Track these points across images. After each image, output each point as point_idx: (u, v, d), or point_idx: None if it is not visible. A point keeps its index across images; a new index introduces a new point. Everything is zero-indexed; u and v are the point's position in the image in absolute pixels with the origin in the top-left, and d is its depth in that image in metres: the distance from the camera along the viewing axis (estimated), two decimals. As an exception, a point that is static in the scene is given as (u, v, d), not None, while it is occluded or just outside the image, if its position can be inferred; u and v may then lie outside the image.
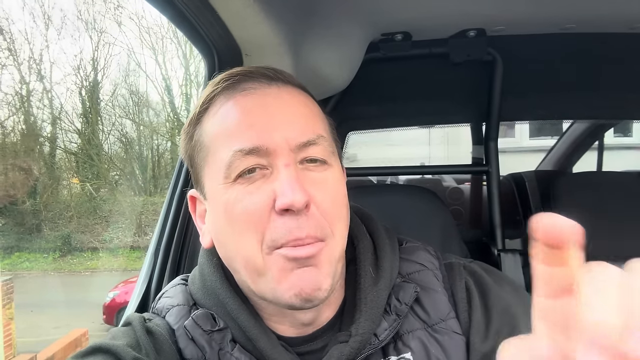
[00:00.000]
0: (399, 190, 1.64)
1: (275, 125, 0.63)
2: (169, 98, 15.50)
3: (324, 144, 0.65)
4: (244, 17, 0.92)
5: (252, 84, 0.66)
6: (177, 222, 1.17)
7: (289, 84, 0.69)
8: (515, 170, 2.22)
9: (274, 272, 0.62)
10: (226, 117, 0.65)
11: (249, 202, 0.61)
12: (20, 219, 13.39)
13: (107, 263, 12.78)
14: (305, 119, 0.66)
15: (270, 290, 0.63)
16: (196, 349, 0.67)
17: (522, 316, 0.69)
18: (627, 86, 1.67)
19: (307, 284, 0.61)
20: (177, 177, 1.21)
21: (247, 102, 0.65)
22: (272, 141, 0.62)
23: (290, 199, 0.59)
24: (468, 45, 1.41)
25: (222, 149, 0.64)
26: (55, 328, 8.42)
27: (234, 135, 0.63)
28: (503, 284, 0.75)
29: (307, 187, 0.61)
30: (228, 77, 0.67)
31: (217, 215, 0.66)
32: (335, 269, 0.65)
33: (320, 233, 0.62)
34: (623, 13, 1.26)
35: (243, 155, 0.62)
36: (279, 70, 0.69)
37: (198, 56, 13.76)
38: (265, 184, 0.62)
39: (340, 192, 0.67)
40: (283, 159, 0.62)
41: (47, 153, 14.54)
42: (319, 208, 0.62)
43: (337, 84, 1.38)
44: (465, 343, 0.69)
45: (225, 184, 0.63)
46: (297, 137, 0.63)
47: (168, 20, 0.95)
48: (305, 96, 0.70)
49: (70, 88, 15.55)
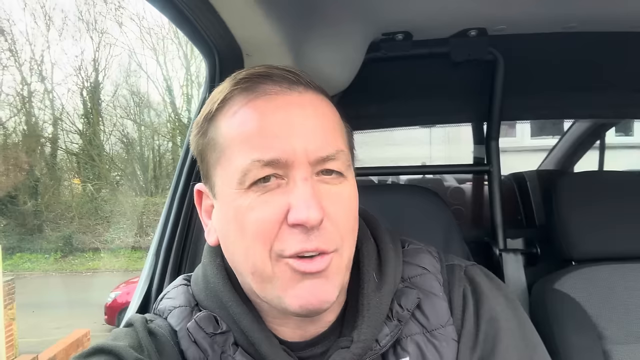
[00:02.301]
0: (400, 190, 1.64)
1: (296, 136, 0.61)
2: (170, 99, 15.54)
3: (342, 159, 0.64)
4: (245, 17, 0.91)
5: (273, 88, 0.65)
6: (179, 222, 1.17)
7: (310, 89, 0.67)
8: (517, 170, 2.22)
9: (282, 281, 0.62)
10: (245, 121, 0.63)
11: (262, 212, 0.61)
12: (22, 219, 13.41)
13: (108, 263, 12.80)
14: (326, 133, 0.64)
15: (276, 297, 0.63)
16: (198, 351, 0.67)
17: (506, 327, 0.70)
18: (629, 85, 1.67)
19: (314, 296, 0.61)
20: (178, 178, 1.21)
21: (268, 109, 0.63)
22: (293, 153, 0.61)
23: (306, 215, 0.58)
24: (469, 45, 1.41)
25: (239, 155, 0.62)
26: (57, 328, 8.43)
27: (252, 143, 0.62)
28: (498, 294, 0.75)
29: (322, 201, 0.61)
30: (248, 77, 0.66)
31: (227, 219, 0.65)
32: (343, 278, 0.65)
33: (331, 247, 0.62)
34: (624, 12, 1.26)
35: (261, 165, 0.61)
36: (300, 72, 0.67)
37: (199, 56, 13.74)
38: (280, 195, 0.61)
39: (353, 205, 0.67)
40: (301, 172, 0.61)
41: (49, 154, 14.57)
42: (332, 222, 0.62)
43: (337, 83, 1.38)
44: (457, 350, 0.69)
45: (238, 189, 0.62)
46: (318, 151, 0.62)
47: (169, 20, 0.95)
48: (327, 103, 0.69)
49: (71, 89, 15.66)
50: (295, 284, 0.61)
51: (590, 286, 1.30)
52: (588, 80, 1.66)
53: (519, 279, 1.50)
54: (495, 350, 0.68)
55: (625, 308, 1.26)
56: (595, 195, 1.41)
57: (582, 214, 1.39)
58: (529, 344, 0.71)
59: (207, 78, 1.13)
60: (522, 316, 0.75)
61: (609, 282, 1.29)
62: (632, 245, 1.36)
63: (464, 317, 0.71)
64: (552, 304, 1.29)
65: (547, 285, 1.33)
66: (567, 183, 1.45)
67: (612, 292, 1.28)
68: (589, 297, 1.28)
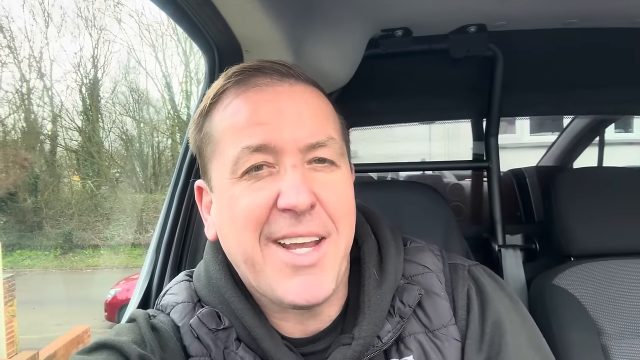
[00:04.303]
0: (400, 186, 1.64)
1: (285, 123, 0.62)
2: (169, 95, 15.49)
3: (333, 146, 0.65)
4: (244, 13, 0.91)
5: (264, 80, 0.66)
6: (179, 219, 1.17)
7: (301, 81, 0.68)
8: (516, 166, 2.22)
9: (272, 269, 0.62)
10: (236, 112, 0.65)
11: (252, 198, 0.62)
12: (22, 216, 13.40)
13: (108, 260, 12.80)
14: (316, 120, 0.65)
15: (269, 287, 0.63)
16: (201, 347, 0.68)
17: (512, 329, 0.70)
18: (629, 81, 1.67)
19: (308, 291, 0.61)
20: (177, 175, 1.21)
21: (258, 99, 0.64)
22: (281, 139, 0.62)
23: (295, 200, 0.59)
24: (468, 41, 1.41)
25: (230, 145, 0.64)
26: (57, 325, 8.43)
27: (242, 132, 0.63)
28: (502, 294, 0.75)
29: (314, 188, 0.61)
30: (240, 70, 0.67)
31: (222, 209, 0.66)
32: (339, 268, 0.65)
33: (323, 230, 0.62)
34: (624, 8, 1.26)
35: (250, 152, 0.62)
36: (292, 65, 0.68)
37: (198, 53, 13.71)
38: (271, 183, 0.62)
39: (348, 192, 0.67)
40: (291, 158, 0.62)
41: (48, 151, 14.54)
42: (324, 207, 0.62)
43: (337, 80, 1.38)
44: (461, 350, 0.70)
45: (231, 179, 0.63)
46: (307, 137, 0.63)
47: (168, 16, 0.95)
48: (318, 94, 0.69)
49: (70, 85, 15.60)
50: (288, 278, 0.62)
51: (589, 282, 1.30)
52: (588, 76, 1.66)
53: (518, 275, 1.50)
54: (501, 352, 0.68)
55: (624, 303, 1.26)
56: (594, 191, 1.41)
57: (581, 210, 1.39)
58: (533, 345, 0.72)
59: (206, 74, 1.13)
60: (526, 316, 0.75)
61: (608, 278, 1.30)
62: (630, 241, 1.36)
63: (468, 318, 0.71)
64: (550, 299, 1.30)
65: (546, 281, 1.34)
66: (566, 179, 1.45)
67: (610, 288, 1.28)
68: (588, 293, 1.28)
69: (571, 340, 1.22)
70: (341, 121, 0.72)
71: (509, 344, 0.69)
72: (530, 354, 0.70)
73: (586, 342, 1.22)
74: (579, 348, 1.21)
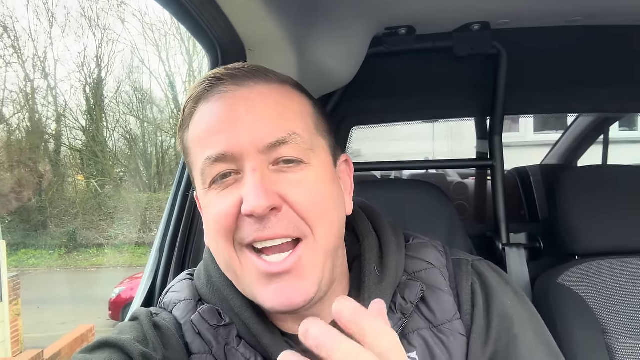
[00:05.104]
0: (403, 185, 1.63)
1: (240, 128, 0.62)
2: (172, 94, 15.54)
3: (297, 142, 0.63)
4: (247, 12, 0.91)
5: (225, 87, 0.65)
6: (182, 218, 1.18)
7: (261, 82, 0.66)
8: (520, 165, 2.21)
9: (250, 277, 0.63)
10: (198, 124, 0.65)
11: (219, 207, 0.62)
12: (26, 215, 13.47)
13: (112, 259, 12.85)
14: (274, 118, 0.63)
15: (252, 294, 0.64)
16: (203, 343, 0.68)
17: (519, 322, 0.70)
18: (633, 79, 1.66)
19: (285, 297, 0.61)
20: (181, 173, 1.21)
21: (218, 108, 0.64)
22: (239, 145, 0.61)
23: (252, 205, 0.58)
24: (472, 39, 1.40)
25: (197, 157, 0.65)
26: (61, 324, 8.48)
27: (204, 143, 0.64)
28: (507, 289, 0.75)
29: (281, 188, 0.61)
30: (207, 79, 0.66)
31: (204, 219, 0.68)
32: (322, 271, 0.64)
33: (294, 232, 0.61)
34: (628, 5, 1.25)
35: (211, 162, 0.62)
36: (257, 67, 0.67)
37: (202, 52, 13.75)
38: (235, 190, 0.62)
39: (321, 190, 0.64)
40: (251, 162, 0.61)
41: (52, 150, 14.60)
42: (294, 208, 0.61)
43: (340, 78, 1.38)
44: (467, 344, 0.69)
45: (204, 189, 0.65)
46: (265, 137, 0.61)
47: (171, 15, 0.95)
48: (283, 92, 0.67)
49: (74, 85, 15.65)
50: (263, 286, 0.62)
51: (594, 280, 1.29)
52: (592, 74, 1.65)
53: (522, 274, 1.49)
54: (511, 346, 0.68)
55: (629, 302, 1.26)
56: (598, 189, 1.40)
57: (586, 208, 1.38)
58: (541, 340, 0.71)
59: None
60: (532, 310, 0.75)
61: (612, 277, 1.29)
62: (635, 240, 1.35)
63: (473, 313, 0.71)
64: (555, 298, 1.29)
65: (550, 280, 1.33)
66: (571, 178, 1.45)
67: (615, 287, 1.28)
68: (592, 292, 1.28)
69: (576, 339, 1.21)
70: (315, 117, 0.69)
71: (518, 337, 0.68)
72: (539, 348, 0.70)
73: (591, 340, 1.22)
74: (584, 347, 1.20)
